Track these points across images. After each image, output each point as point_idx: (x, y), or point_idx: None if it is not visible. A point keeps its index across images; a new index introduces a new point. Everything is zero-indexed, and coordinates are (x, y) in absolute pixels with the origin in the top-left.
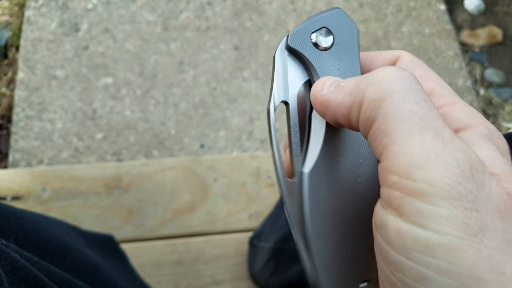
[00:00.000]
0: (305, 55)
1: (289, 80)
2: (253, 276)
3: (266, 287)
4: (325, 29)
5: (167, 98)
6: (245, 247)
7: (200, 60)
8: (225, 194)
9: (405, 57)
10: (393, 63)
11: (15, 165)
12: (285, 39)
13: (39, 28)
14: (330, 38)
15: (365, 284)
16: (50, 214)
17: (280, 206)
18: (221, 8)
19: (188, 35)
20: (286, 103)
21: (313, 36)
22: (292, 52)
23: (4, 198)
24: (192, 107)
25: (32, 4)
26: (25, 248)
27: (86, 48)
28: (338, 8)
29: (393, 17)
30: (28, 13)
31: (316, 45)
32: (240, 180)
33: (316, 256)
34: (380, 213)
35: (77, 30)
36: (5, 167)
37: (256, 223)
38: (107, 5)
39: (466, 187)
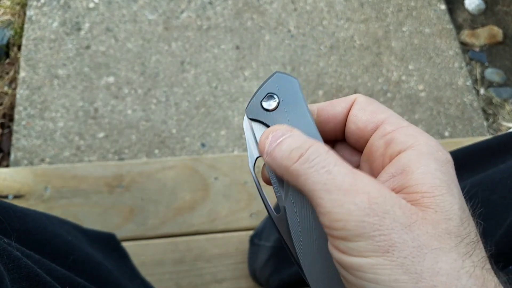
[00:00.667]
0: (261, 119)
1: (257, 140)
2: (253, 274)
3: (266, 285)
4: (268, 94)
5: (169, 97)
6: (246, 245)
7: (201, 60)
8: (226, 193)
9: (360, 98)
10: (351, 106)
11: (17, 163)
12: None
13: (41, 27)
14: (275, 100)
15: None
16: (51, 213)
17: None
18: (222, 8)
19: (190, 34)
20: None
21: (263, 103)
22: (253, 119)
23: (5, 197)
24: (193, 106)
25: (34, 3)
26: (27, 247)
27: (87, 47)
28: (276, 72)
29: (393, 17)
30: (30, 12)
31: (266, 109)
32: (241, 179)
33: (306, 270)
34: (331, 250)
35: (78, 29)
36: (7, 165)
37: (257, 222)
38: (108, 4)
39: (369, 221)
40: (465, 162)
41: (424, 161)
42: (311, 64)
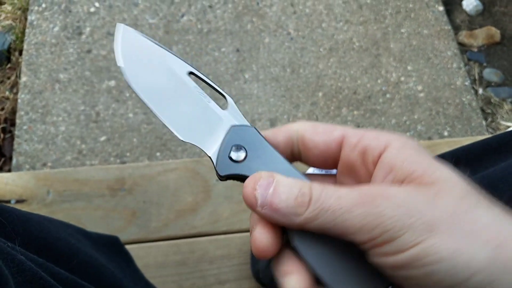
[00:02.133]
0: (236, 173)
1: None
2: (257, 275)
3: (270, 286)
4: (233, 146)
5: None
6: (248, 247)
7: (202, 63)
8: (228, 194)
9: (302, 126)
10: (290, 136)
11: (19, 168)
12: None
13: (42, 32)
14: (242, 150)
15: None
16: (54, 217)
17: None
18: (222, 11)
19: (190, 38)
20: None
21: (231, 156)
22: (227, 176)
23: (8, 202)
24: None
25: (35, 8)
26: (31, 251)
27: (89, 51)
28: (231, 126)
29: (392, 19)
30: (31, 17)
31: (236, 161)
32: None
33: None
34: (380, 263)
35: (80, 33)
36: (9, 170)
37: None
38: (109, 8)
39: (400, 214)
40: (465, 161)
41: (406, 151)
42: (311, 66)
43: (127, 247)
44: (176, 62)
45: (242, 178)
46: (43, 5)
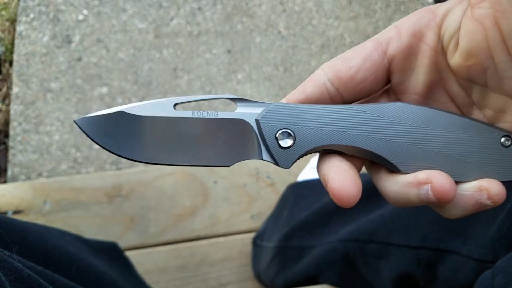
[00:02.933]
0: (299, 155)
1: None
2: (258, 276)
3: (271, 286)
4: (276, 137)
5: None
6: (249, 248)
7: (194, 65)
8: (226, 196)
9: (327, 69)
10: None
11: (14, 179)
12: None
13: (32, 42)
14: (287, 135)
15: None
16: (52, 226)
17: (281, 205)
18: (212, 13)
19: (180, 41)
20: None
21: (282, 145)
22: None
23: (5, 213)
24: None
25: (23, 18)
26: (29, 259)
27: (79, 59)
28: (255, 120)
29: (382, 13)
30: (19, 27)
31: (289, 147)
32: (240, 182)
33: None
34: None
35: (69, 42)
36: (4, 182)
37: (258, 223)
38: (98, 15)
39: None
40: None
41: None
42: (303, 63)
43: (127, 253)
44: (155, 108)
45: (310, 152)
46: (31, 15)
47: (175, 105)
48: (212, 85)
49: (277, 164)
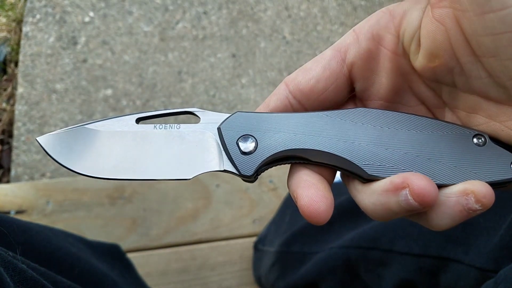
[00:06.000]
0: (262, 161)
1: None
2: (259, 280)
3: None
4: (237, 142)
5: (167, 107)
6: (250, 252)
7: (198, 69)
8: (228, 200)
9: (289, 81)
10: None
11: (18, 179)
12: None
13: (37, 43)
14: (249, 139)
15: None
16: (54, 227)
17: (283, 210)
18: (217, 17)
19: (186, 44)
20: None
21: (243, 151)
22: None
23: (8, 213)
24: None
25: (30, 19)
26: (32, 260)
27: (84, 61)
28: (217, 128)
29: None
30: (26, 28)
31: (251, 152)
32: (242, 186)
33: None
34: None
35: (75, 43)
36: (8, 181)
37: (260, 227)
38: (104, 17)
39: None
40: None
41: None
42: None
43: (128, 255)
44: (116, 124)
45: (274, 161)
46: (38, 16)
47: (137, 120)
48: (216, 89)
49: (238, 173)
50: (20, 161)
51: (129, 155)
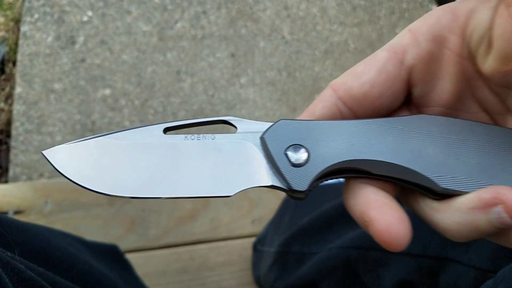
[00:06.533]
0: (316, 175)
1: None
2: (258, 281)
3: None
4: (286, 153)
5: (166, 107)
6: (249, 252)
7: (197, 69)
8: (227, 201)
9: (338, 86)
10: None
11: (16, 179)
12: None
13: (36, 43)
14: (299, 150)
15: None
16: (53, 227)
17: (282, 210)
18: (216, 17)
19: (184, 44)
20: None
21: (294, 163)
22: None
23: (6, 213)
24: (191, 115)
25: (28, 19)
26: (30, 260)
27: (83, 60)
28: (260, 138)
29: (386, 20)
30: (24, 28)
31: (302, 164)
32: None
33: None
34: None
35: (73, 43)
36: (6, 181)
37: (259, 228)
38: (102, 17)
39: None
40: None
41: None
42: (307, 69)
43: (127, 255)
44: (141, 135)
45: (328, 174)
46: (36, 16)
47: (165, 130)
48: (215, 89)
49: (288, 188)
50: (18, 161)
51: (157, 170)
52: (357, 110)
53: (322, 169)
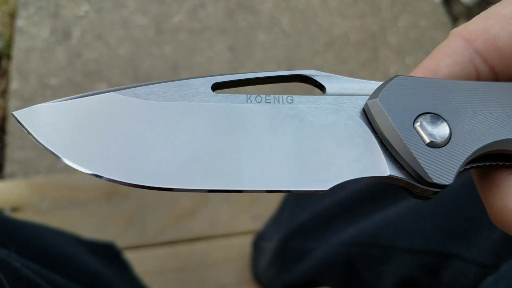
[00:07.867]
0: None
1: None
2: (257, 277)
3: (270, 287)
4: (422, 124)
5: None
6: (248, 250)
7: (195, 62)
8: (226, 197)
9: (475, 34)
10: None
11: (12, 176)
12: None
13: (31, 37)
14: (436, 121)
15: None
16: (49, 224)
17: (282, 206)
18: (214, 9)
19: (182, 37)
20: None
21: (432, 140)
22: None
23: (2, 211)
24: None
25: (23, 13)
26: (26, 258)
27: (79, 55)
28: (366, 102)
29: (387, 11)
30: (19, 22)
31: (444, 144)
32: None
33: None
34: None
35: (69, 37)
36: (2, 178)
37: (259, 225)
38: (98, 11)
39: None
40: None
41: None
42: (307, 62)
43: (124, 253)
44: (176, 91)
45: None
46: (31, 10)
47: (214, 86)
48: None
49: (424, 180)
50: (15, 158)
51: (207, 148)
52: (502, 70)
53: (472, 151)
